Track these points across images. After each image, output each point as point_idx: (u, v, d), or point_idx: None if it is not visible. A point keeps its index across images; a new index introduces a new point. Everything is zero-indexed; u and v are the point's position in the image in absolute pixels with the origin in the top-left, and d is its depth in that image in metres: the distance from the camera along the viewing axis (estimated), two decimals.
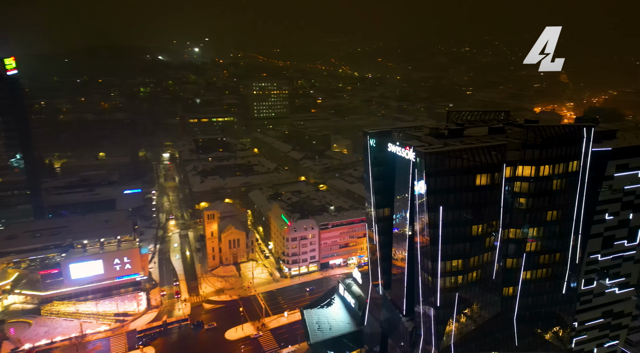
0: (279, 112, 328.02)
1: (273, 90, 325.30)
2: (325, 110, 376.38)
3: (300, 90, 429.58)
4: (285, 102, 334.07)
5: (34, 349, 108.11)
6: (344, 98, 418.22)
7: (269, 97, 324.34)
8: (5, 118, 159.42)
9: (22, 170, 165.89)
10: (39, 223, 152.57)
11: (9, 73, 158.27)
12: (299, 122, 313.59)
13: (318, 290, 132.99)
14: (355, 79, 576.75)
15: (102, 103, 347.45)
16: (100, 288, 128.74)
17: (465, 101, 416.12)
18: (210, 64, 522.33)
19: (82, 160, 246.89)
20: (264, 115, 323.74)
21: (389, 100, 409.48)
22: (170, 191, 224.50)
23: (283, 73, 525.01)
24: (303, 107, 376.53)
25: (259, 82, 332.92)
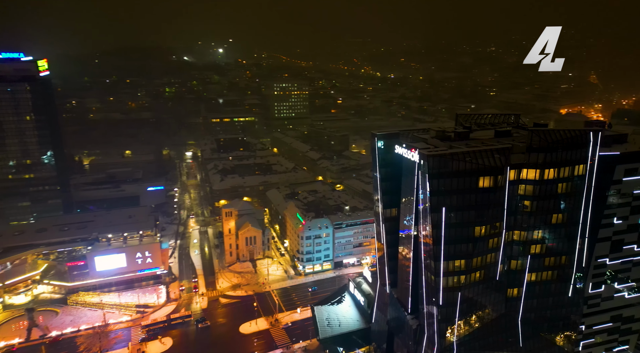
0: (299, 112, 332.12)
1: (293, 91, 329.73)
2: (346, 110, 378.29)
3: (321, 91, 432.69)
4: (306, 102, 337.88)
5: (60, 336, 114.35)
6: (365, 98, 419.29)
7: (289, 97, 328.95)
8: (38, 117, 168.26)
9: (52, 167, 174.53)
10: (67, 217, 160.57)
11: (42, 74, 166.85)
12: (318, 122, 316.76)
13: (322, 290, 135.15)
14: (377, 80, 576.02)
15: (130, 102, 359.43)
16: (122, 281, 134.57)
17: (488, 102, 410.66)
18: (233, 65, 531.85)
19: (109, 157, 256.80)
20: (284, 115, 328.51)
21: (410, 101, 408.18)
22: (191, 189, 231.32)
23: (304, 73, 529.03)
24: (323, 107, 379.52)
25: (279, 82, 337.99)
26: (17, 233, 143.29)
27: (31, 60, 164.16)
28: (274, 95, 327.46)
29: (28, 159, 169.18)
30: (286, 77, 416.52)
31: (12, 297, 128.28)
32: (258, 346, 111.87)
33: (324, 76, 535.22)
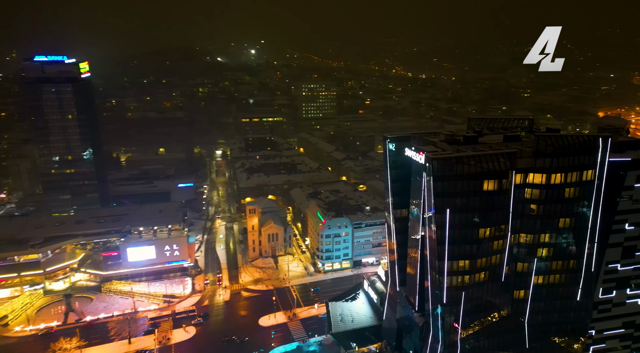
0: (326, 112, 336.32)
1: (321, 92, 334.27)
2: (373, 111, 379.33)
3: (349, 91, 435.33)
4: (333, 103, 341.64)
5: (93, 321, 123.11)
6: (393, 99, 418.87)
7: (317, 98, 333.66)
8: (79, 116, 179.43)
9: (91, 163, 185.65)
10: (103, 210, 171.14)
11: (83, 76, 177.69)
12: (345, 123, 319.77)
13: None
14: (407, 80, 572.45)
15: (165, 102, 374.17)
16: (152, 272, 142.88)
17: (521, 104, 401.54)
18: (264, 66, 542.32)
19: (144, 154, 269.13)
20: (312, 116, 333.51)
21: (439, 102, 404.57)
22: (220, 186, 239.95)
23: (334, 74, 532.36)
24: (351, 108, 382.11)
25: (308, 83, 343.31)
26: (58, 224, 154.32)
27: (74, 62, 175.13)
28: (302, 95, 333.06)
29: (69, 155, 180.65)
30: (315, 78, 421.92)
31: (52, 283, 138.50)
32: (275, 338, 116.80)
33: (354, 77, 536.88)
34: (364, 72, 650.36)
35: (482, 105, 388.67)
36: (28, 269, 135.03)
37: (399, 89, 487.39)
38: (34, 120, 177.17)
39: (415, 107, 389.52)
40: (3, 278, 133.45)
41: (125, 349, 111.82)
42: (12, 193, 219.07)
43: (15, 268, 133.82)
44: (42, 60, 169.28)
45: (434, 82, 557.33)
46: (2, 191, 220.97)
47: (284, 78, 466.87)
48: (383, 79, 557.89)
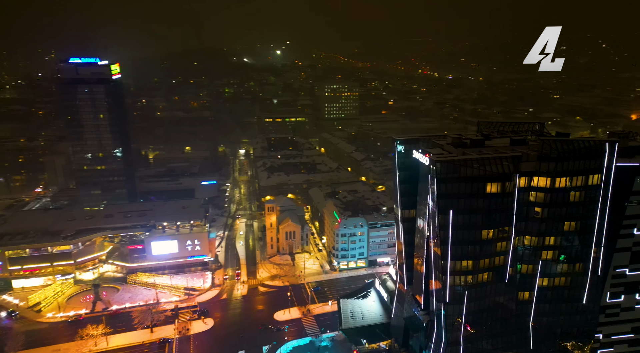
0: (348, 113, 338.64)
1: (344, 92, 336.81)
2: (396, 112, 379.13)
3: (373, 92, 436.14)
4: (355, 103, 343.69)
5: (119, 310, 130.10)
6: (417, 100, 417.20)
7: (339, 98, 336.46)
8: (110, 115, 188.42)
9: (121, 160, 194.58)
10: (131, 205, 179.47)
11: (114, 77, 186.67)
12: (367, 124, 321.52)
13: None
14: (433, 81, 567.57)
15: (192, 102, 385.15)
16: (174, 265, 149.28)
17: (549, 105, 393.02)
18: (289, 66, 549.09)
19: (171, 152, 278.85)
20: (334, 116, 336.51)
21: (464, 103, 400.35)
22: (242, 184, 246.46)
23: (358, 74, 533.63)
24: (374, 108, 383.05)
25: (331, 84, 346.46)
26: (89, 218, 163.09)
27: (106, 64, 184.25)
28: (325, 96, 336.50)
29: (101, 153, 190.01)
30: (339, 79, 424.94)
31: (82, 274, 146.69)
32: (289, 333, 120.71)
33: (378, 77, 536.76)
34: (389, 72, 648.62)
35: (508, 107, 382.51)
36: (60, 259, 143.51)
37: (423, 89, 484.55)
38: (69, 118, 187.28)
39: (439, 108, 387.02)
40: (37, 268, 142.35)
41: (148, 337, 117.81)
42: (48, 187, 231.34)
43: (48, 258, 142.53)
44: (77, 62, 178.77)
45: (460, 82, 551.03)
46: (39, 185, 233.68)
47: (308, 78, 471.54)
48: (408, 79, 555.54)
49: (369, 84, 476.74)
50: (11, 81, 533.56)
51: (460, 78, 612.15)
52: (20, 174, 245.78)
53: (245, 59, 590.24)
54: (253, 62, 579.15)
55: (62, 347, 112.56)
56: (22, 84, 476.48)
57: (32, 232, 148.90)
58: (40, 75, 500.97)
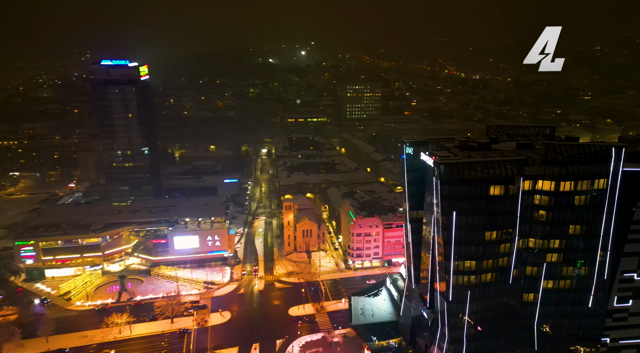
0: (370, 113, 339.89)
1: (366, 93, 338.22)
2: (419, 113, 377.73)
3: (396, 92, 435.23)
4: (377, 104, 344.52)
5: (142, 301, 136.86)
6: (441, 101, 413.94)
7: (361, 99, 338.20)
8: (138, 115, 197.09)
9: (147, 158, 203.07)
10: (156, 201, 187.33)
11: (143, 78, 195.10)
12: (389, 124, 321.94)
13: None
14: (458, 81, 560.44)
15: (218, 102, 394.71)
16: (195, 259, 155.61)
17: (578, 107, 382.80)
18: (313, 67, 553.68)
19: (196, 151, 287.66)
20: (355, 117, 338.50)
21: (489, 105, 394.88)
22: (263, 183, 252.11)
23: (382, 75, 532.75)
24: (396, 109, 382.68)
25: (353, 84, 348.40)
26: (116, 212, 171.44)
27: (135, 66, 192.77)
28: (347, 96, 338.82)
29: (129, 150, 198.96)
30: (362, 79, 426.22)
31: (109, 265, 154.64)
32: (303, 328, 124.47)
33: (403, 77, 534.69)
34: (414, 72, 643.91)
35: (535, 108, 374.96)
36: (89, 251, 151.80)
37: (447, 90, 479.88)
38: (100, 117, 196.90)
39: (463, 109, 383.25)
40: (68, 258, 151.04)
41: (168, 327, 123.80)
42: (80, 183, 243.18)
43: (78, 249, 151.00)
44: (108, 64, 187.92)
45: (486, 83, 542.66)
46: (72, 181, 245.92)
47: (332, 79, 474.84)
48: (433, 79, 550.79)
49: (393, 84, 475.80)
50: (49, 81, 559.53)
51: (487, 78, 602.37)
52: (55, 169, 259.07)
53: (271, 59, 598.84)
54: (278, 62, 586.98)
55: (89, 334, 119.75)
56: (59, 84, 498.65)
57: (64, 224, 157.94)
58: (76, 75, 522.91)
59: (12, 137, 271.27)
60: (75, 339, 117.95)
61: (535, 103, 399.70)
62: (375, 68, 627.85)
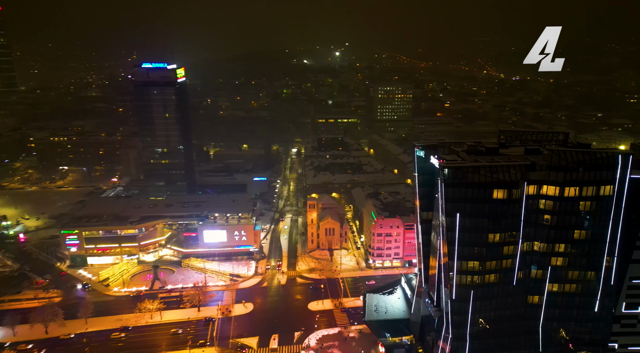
0: (401, 115, 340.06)
1: (397, 94, 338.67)
2: (452, 114, 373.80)
3: (429, 94, 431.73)
4: (408, 105, 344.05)
5: (173, 289, 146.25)
6: (475, 102, 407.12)
7: (392, 100, 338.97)
8: (175, 115, 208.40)
9: (182, 155, 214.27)
10: (188, 197, 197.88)
11: (179, 80, 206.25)
12: (419, 126, 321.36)
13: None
14: (494, 82, 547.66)
15: (252, 102, 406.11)
16: (222, 253, 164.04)
17: (622, 111, 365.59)
18: (347, 68, 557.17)
19: (229, 150, 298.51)
20: (386, 118, 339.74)
21: (526, 107, 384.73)
22: (291, 181, 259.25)
23: (415, 76, 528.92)
24: (429, 110, 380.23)
25: (384, 85, 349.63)
26: (152, 206, 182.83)
27: (173, 68, 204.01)
28: (378, 97, 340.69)
29: (165, 148, 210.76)
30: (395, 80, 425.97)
31: (144, 255, 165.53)
32: (321, 322, 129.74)
33: (437, 78, 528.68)
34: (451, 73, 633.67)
35: (574, 111, 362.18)
36: (127, 241, 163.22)
37: (483, 91, 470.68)
38: (140, 116, 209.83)
39: (498, 111, 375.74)
40: (107, 247, 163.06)
41: (195, 315, 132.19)
42: (122, 177, 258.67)
43: (117, 239, 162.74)
44: (148, 66, 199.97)
45: (525, 84, 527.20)
46: (115, 176, 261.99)
47: (365, 80, 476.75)
48: (469, 80, 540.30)
49: (427, 85, 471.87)
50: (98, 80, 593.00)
51: (527, 79, 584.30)
52: (100, 164, 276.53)
53: (305, 60, 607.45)
54: (312, 63, 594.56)
55: (124, 317, 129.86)
56: (106, 84, 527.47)
57: (105, 216, 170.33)
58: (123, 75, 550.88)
59: (62, 133, 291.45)
60: (112, 322, 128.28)
61: (575, 105, 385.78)
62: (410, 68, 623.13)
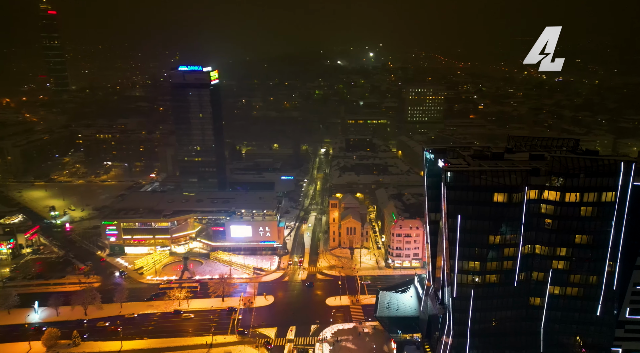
0: (432, 116, 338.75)
1: (428, 96, 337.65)
2: (486, 117, 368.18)
3: (463, 95, 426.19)
4: (440, 107, 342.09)
5: (200, 280, 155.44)
6: (510, 105, 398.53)
7: (424, 101, 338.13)
8: (208, 115, 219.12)
9: (214, 153, 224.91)
10: (218, 193, 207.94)
11: (213, 82, 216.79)
12: (450, 128, 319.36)
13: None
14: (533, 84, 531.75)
15: (285, 102, 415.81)
16: (248, 247, 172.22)
17: None
18: (380, 69, 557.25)
19: (260, 149, 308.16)
20: (416, 119, 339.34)
21: (564, 110, 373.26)
22: (318, 181, 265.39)
23: (450, 77, 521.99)
24: (462, 112, 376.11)
25: (416, 87, 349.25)
26: (184, 201, 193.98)
27: (207, 71, 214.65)
28: (409, 99, 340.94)
29: (198, 146, 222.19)
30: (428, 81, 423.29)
31: (176, 247, 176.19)
32: (337, 316, 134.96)
33: (473, 79, 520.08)
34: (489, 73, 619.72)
35: (616, 115, 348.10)
36: (160, 233, 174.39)
37: (520, 93, 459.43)
38: (176, 116, 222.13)
39: (534, 114, 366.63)
40: (143, 238, 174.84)
41: (219, 305, 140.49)
42: (160, 173, 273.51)
43: (151, 231, 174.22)
44: (184, 69, 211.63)
45: (566, 86, 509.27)
46: (153, 171, 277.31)
47: (397, 81, 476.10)
48: (507, 81, 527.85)
49: (461, 86, 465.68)
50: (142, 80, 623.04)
51: (571, 81, 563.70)
52: (140, 161, 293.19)
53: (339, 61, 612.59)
54: (346, 64, 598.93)
55: (154, 304, 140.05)
56: (149, 84, 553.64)
57: (141, 209, 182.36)
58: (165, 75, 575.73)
59: (107, 131, 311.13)
60: (144, 307, 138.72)
61: (617, 109, 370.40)
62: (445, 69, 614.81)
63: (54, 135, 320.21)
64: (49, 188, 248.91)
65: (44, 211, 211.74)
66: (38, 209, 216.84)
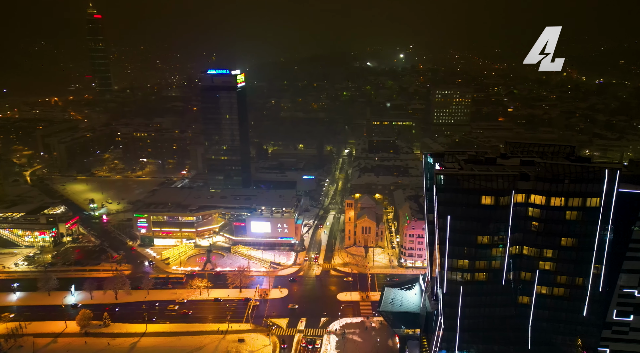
0: (458, 119, 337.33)
1: (455, 98, 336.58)
2: (515, 120, 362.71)
3: (493, 97, 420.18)
4: (466, 109, 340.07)
5: (220, 272, 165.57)
6: (542, 108, 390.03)
7: (450, 104, 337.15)
8: (234, 116, 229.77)
9: (239, 153, 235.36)
10: (242, 191, 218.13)
11: (239, 85, 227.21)
12: (477, 131, 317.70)
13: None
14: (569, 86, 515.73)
15: (312, 104, 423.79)
16: (267, 243, 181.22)
17: None
18: (409, 70, 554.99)
19: (286, 149, 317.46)
20: (442, 122, 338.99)
21: (598, 114, 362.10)
22: (340, 181, 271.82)
23: (481, 78, 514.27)
24: (490, 115, 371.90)
25: (443, 89, 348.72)
26: (209, 197, 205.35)
27: (234, 74, 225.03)
28: (436, 101, 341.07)
29: (225, 146, 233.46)
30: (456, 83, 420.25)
31: (200, 240, 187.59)
32: (346, 311, 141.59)
33: (505, 81, 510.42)
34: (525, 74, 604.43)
35: None
36: (186, 227, 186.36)
37: (553, 96, 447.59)
38: (205, 117, 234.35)
39: (565, 118, 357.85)
40: (170, 231, 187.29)
41: (236, 295, 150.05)
42: (190, 171, 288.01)
43: (178, 225, 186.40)
44: (212, 73, 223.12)
45: (605, 88, 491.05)
46: (184, 169, 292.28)
47: (426, 82, 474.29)
48: (541, 83, 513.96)
49: (492, 88, 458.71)
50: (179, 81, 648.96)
51: (613, 83, 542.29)
52: (172, 158, 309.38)
53: (369, 63, 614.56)
54: (375, 65, 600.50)
55: (178, 292, 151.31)
56: (185, 84, 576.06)
57: (170, 203, 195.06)
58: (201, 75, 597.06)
59: (144, 129, 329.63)
60: (168, 294, 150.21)
61: None
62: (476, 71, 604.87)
63: (95, 133, 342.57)
64: (90, 182, 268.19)
65: (84, 203, 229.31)
66: (79, 201, 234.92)
